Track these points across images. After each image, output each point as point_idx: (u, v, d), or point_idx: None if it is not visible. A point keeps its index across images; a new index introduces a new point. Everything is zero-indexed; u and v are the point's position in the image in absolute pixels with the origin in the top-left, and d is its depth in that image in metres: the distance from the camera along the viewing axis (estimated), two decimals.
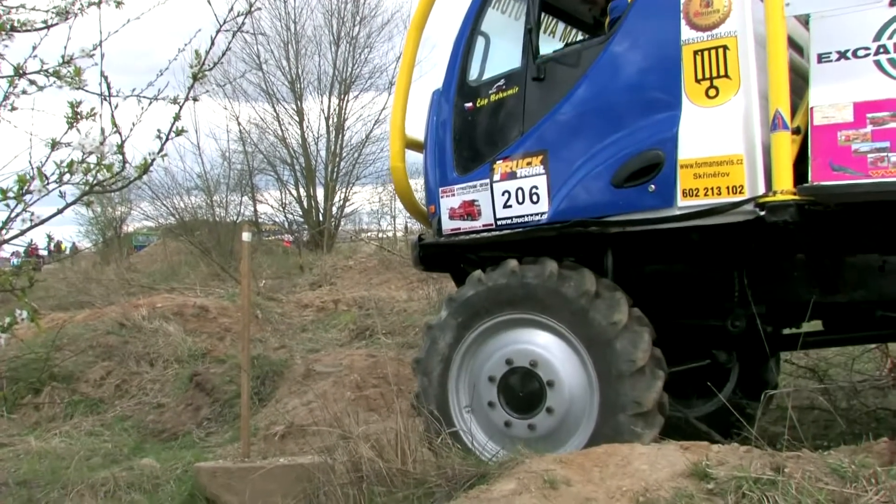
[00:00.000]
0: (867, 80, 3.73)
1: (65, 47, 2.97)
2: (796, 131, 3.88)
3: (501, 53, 5.17)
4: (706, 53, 4.03)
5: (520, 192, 4.74)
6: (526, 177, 4.70)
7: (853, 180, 3.67)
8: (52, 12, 3.02)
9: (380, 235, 23.58)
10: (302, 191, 23.36)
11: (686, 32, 4.10)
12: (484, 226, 4.95)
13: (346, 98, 22.91)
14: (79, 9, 3.10)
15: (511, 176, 4.78)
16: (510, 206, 4.79)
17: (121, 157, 2.80)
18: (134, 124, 2.84)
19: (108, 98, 2.80)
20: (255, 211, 23.55)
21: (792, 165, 3.80)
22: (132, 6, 3.17)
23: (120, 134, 2.80)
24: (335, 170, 23.06)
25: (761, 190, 3.88)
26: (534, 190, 4.67)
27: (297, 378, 7.81)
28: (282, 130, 22.98)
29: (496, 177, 4.85)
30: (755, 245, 4.34)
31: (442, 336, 4.85)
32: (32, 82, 3.01)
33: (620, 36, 4.43)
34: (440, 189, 5.20)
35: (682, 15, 4.11)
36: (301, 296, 13.52)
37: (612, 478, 3.40)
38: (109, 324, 9.80)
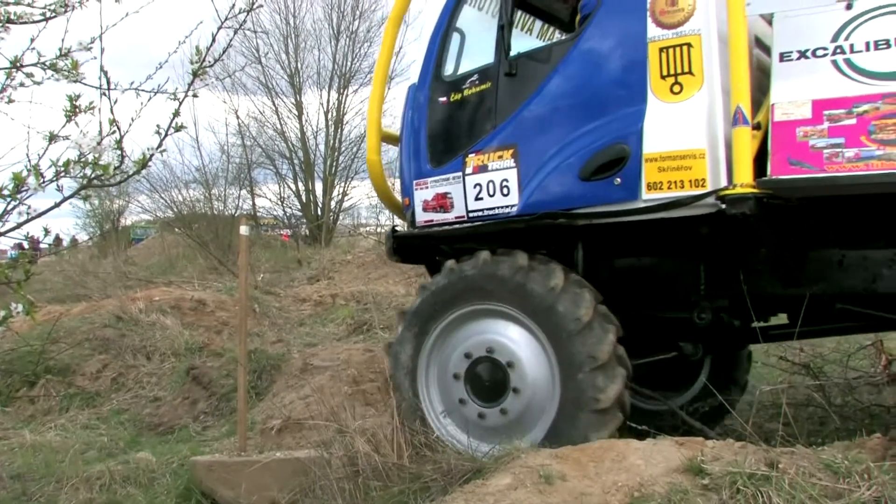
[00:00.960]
0: (825, 79, 3.89)
1: (62, 40, 2.97)
2: (757, 127, 4.00)
3: (476, 49, 5.25)
4: (671, 51, 4.14)
5: (491, 184, 4.84)
6: (497, 170, 4.81)
7: (809, 175, 3.82)
8: (50, 8, 3.01)
9: (378, 230, 23.57)
10: (300, 185, 23.39)
11: (652, 30, 4.21)
12: (456, 218, 5.05)
13: (345, 92, 22.92)
14: (78, 1, 3.10)
15: (482, 169, 4.88)
16: (481, 199, 4.89)
17: (119, 152, 2.80)
18: (133, 119, 2.84)
19: (106, 92, 2.79)
20: (254, 205, 23.56)
21: (753, 160, 3.90)
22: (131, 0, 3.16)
23: (118, 129, 2.80)
24: (334, 164, 23.07)
25: (724, 184, 3.98)
26: (504, 183, 4.77)
27: (295, 372, 7.81)
28: (281, 124, 23.01)
29: (468, 170, 4.96)
30: (720, 239, 4.43)
31: (402, 350, 4.97)
32: (29, 75, 3.01)
33: (589, 33, 4.55)
34: (414, 182, 5.30)
35: (648, 13, 4.23)
36: (299, 290, 13.50)
37: (607, 473, 3.42)
38: (106, 317, 9.77)
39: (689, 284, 4.84)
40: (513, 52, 4.83)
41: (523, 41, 5.41)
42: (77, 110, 2.90)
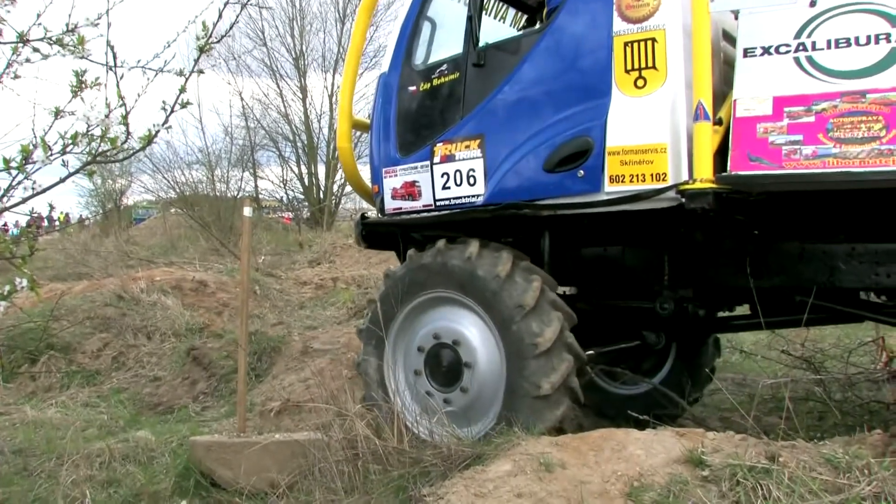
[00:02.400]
0: (786, 76, 3.91)
1: (69, 15, 2.95)
2: (718, 122, 4.02)
3: (446, 39, 5.29)
4: (636, 45, 4.16)
5: (458, 174, 4.89)
6: (464, 159, 4.86)
7: (767, 171, 3.84)
8: None
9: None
10: (303, 168, 23.36)
11: (617, 24, 4.23)
12: (424, 206, 5.12)
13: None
14: None
15: (450, 158, 4.93)
16: (448, 188, 4.95)
17: (125, 128, 2.79)
18: (139, 95, 2.82)
19: (113, 68, 2.78)
20: (256, 187, 23.53)
21: (714, 155, 3.93)
22: None
23: (125, 105, 2.78)
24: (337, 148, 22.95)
25: (685, 178, 4.00)
26: (471, 172, 4.82)
27: (295, 355, 7.82)
28: (285, 107, 22.95)
29: (436, 159, 5.01)
30: (683, 231, 4.49)
31: (371, 336, 5.07)
32: (36, 50, 2.99)
33: (556, 25, 4.57)
34: (383, 169, 5.36)
35: (614, 7, 4.25)
36: (300, 273, 13.50)
37: (607, 462, 3.41)
38: (107, 296, 9.79)
39: (653, 274, 4.91)
40: (482, 43, 4.86)
41: (497, 29, 5.42)
42: (83, 86, 2.88)
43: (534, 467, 3.36)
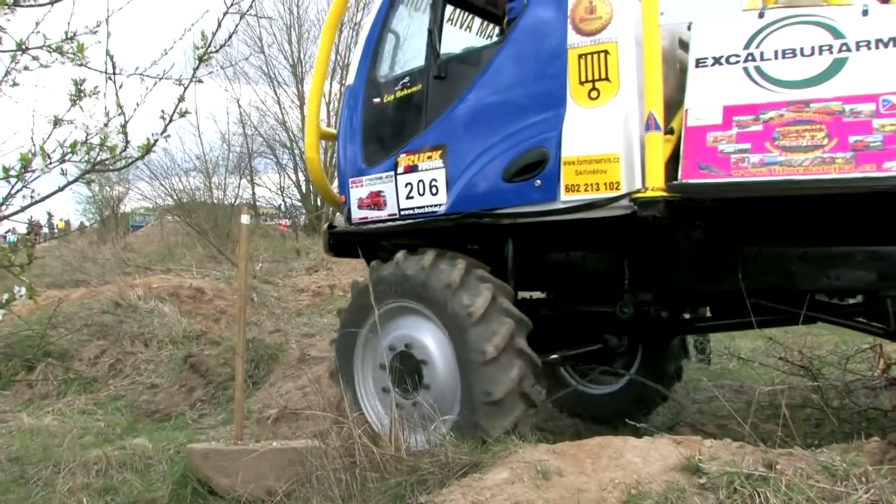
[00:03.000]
0: (736, 86, 3.98)
1: (68, 23, 2.96)
2: (670, 131, 4.11)
3: (410, 51, 5.39)
4: (589, 57, 4.25)
5: (421, 184, 4.98)
6: (426, 170, 4.95)
7: (716, 179, 3.91)
8: None
9: None
10: (301, 175, 23.31)
11: (572, 37, 4.32)
12: (389, 216, 5.22)
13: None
14: None
15: (413, 169, 5.02)
16: (412, 198, 5.04)
17: (123, 136, 2.79)
18: (138, 104, 2.83)
19: (112, 76, 2.78)
20: (254, 194, 23.56)
21: (667, 164, 4.02)
22: None
23: (123, 114, 2.79)
24: (334, 155, 22.96)
25: (639, 186, 4.07)
26: (433, 182, 4.91)
27: (292, 362, 7.82)
28: (282, 114, 22.93)
29: (400, 169, 5.10)
30: (642, 237, 4.58)
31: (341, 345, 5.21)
32: (35, 58, 2.99)
33: (513, 38, 4.65)
34: (350, 180, 5.47)
35: (569, 20, 4.34)
36: (297, 280, 13.50)
37: (604, 470, 3.42)
38: (105, 303, 9.78)
39: (614, 279, 4.99)
40: (442, 55, 4.98)
41: (463, 39, 5.43)
42: (82, 94, 2.89)
43: (531, 475, 3.36)
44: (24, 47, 3.00)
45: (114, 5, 2.96)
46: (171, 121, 2.94)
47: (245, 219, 5.61)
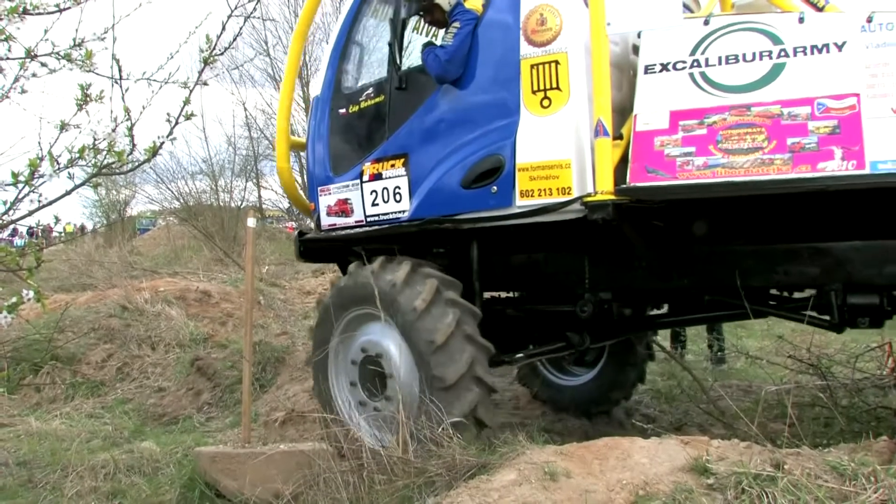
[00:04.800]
0: (682, 91, 4.15)
1: (76, 30, 2.97)
2: (620, 137, 4.28)
3: (374, 63, 5.64)
4: (541, 67, 4.43)
5: (385, 191, 5.20)
6: (390, 178, 5.17)
7: (662, 182, 4.07)
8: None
9: None
10: (306, 177, 23.29)
11: (524, 48, 4.50)
12: (356, 222, 5.46)
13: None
14: None
15: (378, 177, 5.25)
16: (377, 205, 5.27)
17: (130, 140, 2.80)
18: (144, 108, 2.84)
19: (118, 81, 2.80)
20: (260, 197, 23.59)
21: (616, 168, 4.19)
22: None
23: (130, 117, 2.80)
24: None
25: (590, 190, 4.26)
26: (397, 190, 5.13)
27: (299, 365, 7.81)
28: None
29: (365, 177, 5.33)
30: (600, 238, 4.74)
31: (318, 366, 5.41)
32: (44, 65, 3.01)
33: (470, 49, 4.79)
34: (319, 188, 5.71)
35: (521, 31, 4.52)
36: (304, 282, 13.50)
37: (612, 471, 3.41)
38: (112, 306, 9.79)
39: (575, 279, 5.15)
40: (402, 68, 5.15)
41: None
42: (88, 99, 2.90)
43: (538, 476, 3.36)
44: (33, 54, 3.02)
45: (120, 11, 2.98)
46: (176, 123, 2.96)
47: (251, 222, 5.63)
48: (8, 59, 2.98)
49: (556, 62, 4.36)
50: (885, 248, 4.14)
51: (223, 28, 3.09)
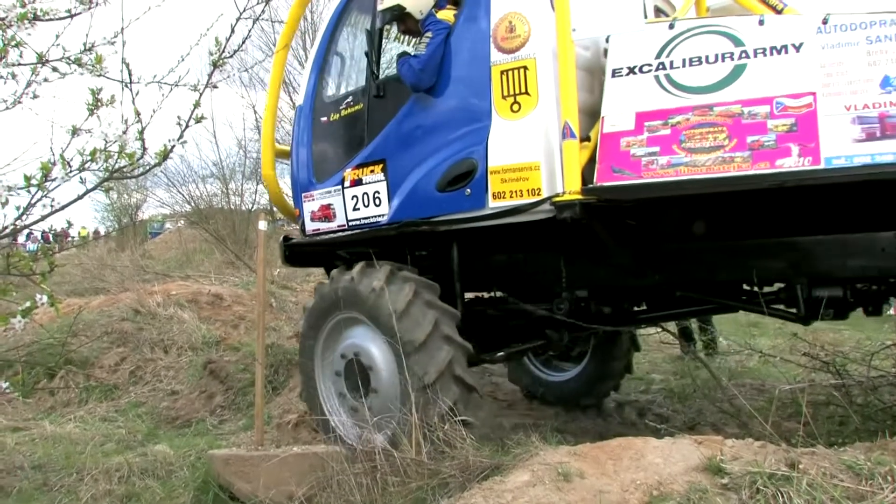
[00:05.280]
0: (648, 93, 4.26)
1: (87, 35, 2.99)
2: (587, 139, 4.39)
3: (354, 72, 5.78)
4: (510, 73, 4.57)
5: (365, 196, 5.38)
6: (370, 183, 5.34)
7: (627, 181, 4.18)
8: (77, 5, 3.03)
9: None
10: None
11: (494, 55, 4.65)
12: (339, 227, 5.63)
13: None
14: None
15: (358, 182, 5.42)
16: (358, 209, 5.45)
17: (141, 143, 2.81)
18: (154, 111, 2.85)
19: (129, 85, 2.81)
20: (270, 200, 23.54)
21: (584, 169, 4.31)
22: None
23: (140, 121, 2.81)
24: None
25: (559, 191, 4.36)
26: (376, 194, 5.30)
27: None
28: None
29: (347, 183, 5.50)
30: (575, 238, 4.86)
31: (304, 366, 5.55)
32: (55, 69, 3.03)
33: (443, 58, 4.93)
34: (303, 194, 5.92)
35: (491, 39, 4.66)
36: (315, 285, 13.50)
37: (625, 471, 3.40)
38: (124, 310, 9.83)
39: (552, 278, 5.29)
40: (379, 76, 5.30)
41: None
42: (99, 103, 2.91)
43: (552, 477, 3.35)
44: (44, 60, 3.04)
45: (130, 15, 2.99)
46: (187, 126, 2.97)
47: (262, 224, 5.67)
48: (20, 64, 3.00)
49: (525, 68, 4.49)
50: (845, 241, 4.25)
51: (232, 30, 3.11)
